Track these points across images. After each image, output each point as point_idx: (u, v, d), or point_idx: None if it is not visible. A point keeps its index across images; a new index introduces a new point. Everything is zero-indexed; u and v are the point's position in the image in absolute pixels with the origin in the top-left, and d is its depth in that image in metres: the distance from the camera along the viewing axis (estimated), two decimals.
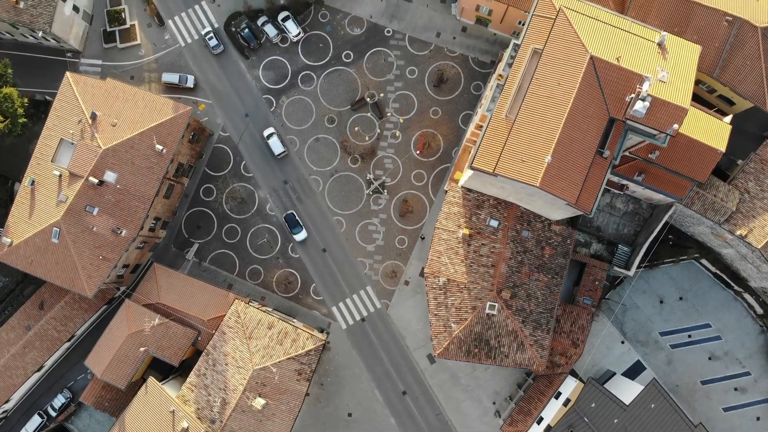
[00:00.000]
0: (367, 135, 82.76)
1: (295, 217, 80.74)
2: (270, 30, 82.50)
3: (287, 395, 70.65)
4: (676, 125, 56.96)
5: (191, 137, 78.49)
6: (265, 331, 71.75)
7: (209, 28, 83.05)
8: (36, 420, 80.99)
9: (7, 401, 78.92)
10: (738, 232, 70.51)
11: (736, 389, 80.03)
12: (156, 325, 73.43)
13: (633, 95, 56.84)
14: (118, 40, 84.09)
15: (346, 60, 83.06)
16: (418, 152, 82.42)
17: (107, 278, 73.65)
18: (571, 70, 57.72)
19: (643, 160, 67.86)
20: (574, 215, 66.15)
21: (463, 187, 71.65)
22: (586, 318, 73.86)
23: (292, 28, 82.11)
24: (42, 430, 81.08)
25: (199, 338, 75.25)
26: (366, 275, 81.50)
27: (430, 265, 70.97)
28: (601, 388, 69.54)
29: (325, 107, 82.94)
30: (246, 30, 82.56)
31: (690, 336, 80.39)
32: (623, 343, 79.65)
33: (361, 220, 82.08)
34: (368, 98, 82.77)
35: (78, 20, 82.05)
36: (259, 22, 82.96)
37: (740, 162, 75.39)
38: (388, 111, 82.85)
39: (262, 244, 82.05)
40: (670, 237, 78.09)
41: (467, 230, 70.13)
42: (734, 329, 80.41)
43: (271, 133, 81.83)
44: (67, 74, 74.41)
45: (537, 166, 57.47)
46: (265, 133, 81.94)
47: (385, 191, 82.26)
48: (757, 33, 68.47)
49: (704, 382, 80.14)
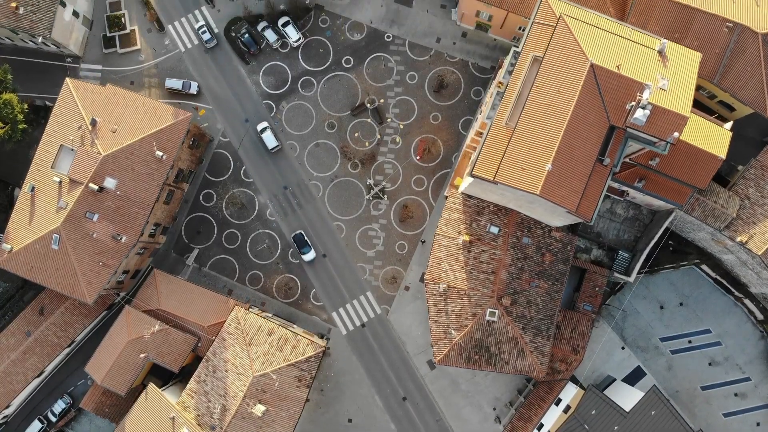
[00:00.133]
0: (367, 140, 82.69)
1: (303, 237, 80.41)
2: (270, 35, 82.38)
3: (287, 402, 70.63)
4: (676, 133, 56.89)
5: (191, 143, 78.44)
6: (265, 337, 71.70)
7: (203, 22, 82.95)
8: (36, 425, 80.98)
9: (8, 406, 78.87)
10: (738, 239, 70.44)
11: (736, 395, 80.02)
12: (156, 331, 73.42)
13: (633, 103, 56.76)
14: (118, 46, 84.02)
15: (346, 65, 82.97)
16: (418, 157, 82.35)
17: (107, 284, 73.64)
18: (572, 78, 57.65)
19: (643, 166, 67.78)
20: (574, 222, 66.09)
21: (463, 194, 71.57)
22: (587, 324, 73.78)
23: (292, 34, 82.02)
24: None
25: (199, 344, 75.22)
26: (366, 281, 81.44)
27: (431, 272, 70.89)
28: (601, 394, 69.47)
29: (325, 112, 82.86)
30: (246, 35, 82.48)
31: (690, 342, 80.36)
32: (623, 348, 79.55)
33: (361, 225, 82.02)
34: (368, 104, 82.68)
35: (78, 25, 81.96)
36: (259, 27, 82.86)
37: (741, 167, 75.24)
38: (388, 116, 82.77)
39: (262, 249, 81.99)
40: (670, 243, 77.99)
41: (467, 237, 70.06)
42: (734, 335, 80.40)
43: (265, 128, 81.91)
44: (67, 80, 74.32)
45: (537, 173, 57.41)
46: (259, 128, 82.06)
47: (385, 196, 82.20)
48: (757, 39, 68.45)
49: (704, 388, 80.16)
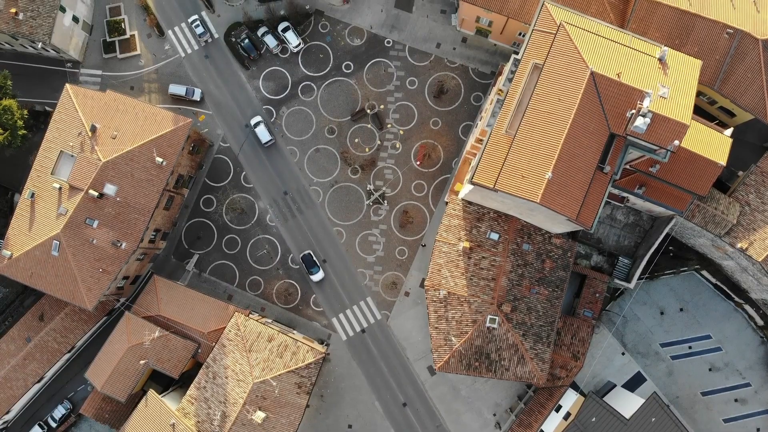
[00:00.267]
0: (367, 146, 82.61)
1: (312, 257, 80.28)
2: (270, 40, 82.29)
3: (287, 408, 70.62)
4: (677, 141, 56.76)
5: (191, 148, 78.36)
6: (265, 343, 71.67)
7: (196, 16, 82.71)
8: (36, 431, 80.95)
9: (8, 412, 78.95)
10: (739, 245, 70.38)
11: (736, 400, 79.97)
12: (156, 337, 73.40)
13: (633, 111, 56.68)
14: (118, 51, 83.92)
15: (346, 70, 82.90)
16: (418, 163, 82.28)
17: (107, 291, 73.66)
18: (572, 86, 57.58)
19: (643, 173, 67.66)
20: (574, 230, 66.03)
21: (463, 200, 71.53)
22: (587, 330, 73.75)
23: (292, 39, 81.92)
24: None
25: (200, 351, 75.20)
26: (366, 286, 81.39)
27: (431, 278, 70.85)
28: (601, 401, 69.42)
29: (325, 118, 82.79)
30: (246, 40, 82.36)
31: (690, 347, 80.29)
32: (624, 354, 79.50)
33: (362, 230, 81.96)
34: (368, 109, 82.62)
35: (78, 31, 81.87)
36: (259, 32, 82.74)
37: (741, 173, 75.21)
38: (389, 122, 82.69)
39: (262, 255, 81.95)
40: (670, 248, 77.95)
41: (467, 243, 70.00)
42: (735, 340, 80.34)
43: (258, 122, 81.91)
44: (67, 86, 74.21)
45: (537, 182, 57.35)
46: (252, 122, 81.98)
47: (386, 202, 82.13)
48: (758, 45, 68.38)
49: (705, 393, 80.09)
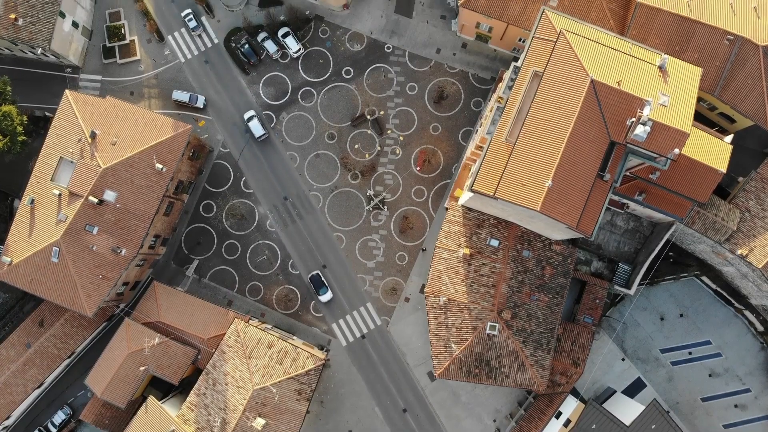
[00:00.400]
0: (367, 151, 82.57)
1: (320, 277, 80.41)
2: (270, 46, 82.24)
3: (287, 415, 70.57)
4: (677, 150, 56.65)
5: (191, 154, 78.32)
6: (265, 350, 71.64)
7: (189, 10, 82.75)
8: None
9: (8, 417, 78.89)
10: (739, 252, 70.34)
11: (736, 406, 79.94)
12: (156, 344, 73.35)
13: (634, 119, 56.62)
14: (118, 56, 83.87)
15: (346, 76, 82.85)
16: (418, 168, 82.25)
17: (107, 297, 73.60)
18: (572, 94, 57.46)
19: (643, 179, 67.62)
20: (575, 237, 65.98)
21: (463, 206, 71.47)
22: (587, 337, 73.69)
23: (292, 44, 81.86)
24: None
25: (199, 357, 75.16)
26: (366, 292, 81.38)
27: (431, 285, 70.79)
28: (601, 409, 69.36)
29: (325, 123, 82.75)
30: (246, 46, 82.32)
31: (690, 353, 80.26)
32: (624, 360, 79.47)
33: (362, 236, 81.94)
34: (368, 114, 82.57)
35: (77, 36, 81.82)
36: (259, 38, 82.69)
37: (741, 179, 75.19)
38: (389, 127, 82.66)
39: (262, 260, 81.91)
40: (670, 254, 77.86)
41: (467, 250, 69.96)
42: (735, 346, 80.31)
43: (252, 116, 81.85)
44: (67, 92, 74.20)
45: (537, 190, 57.25)
46: (246, 116, 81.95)
47: (386, 207, 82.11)
48: (758, 52, 68.35)
49: (705, 399, 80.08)
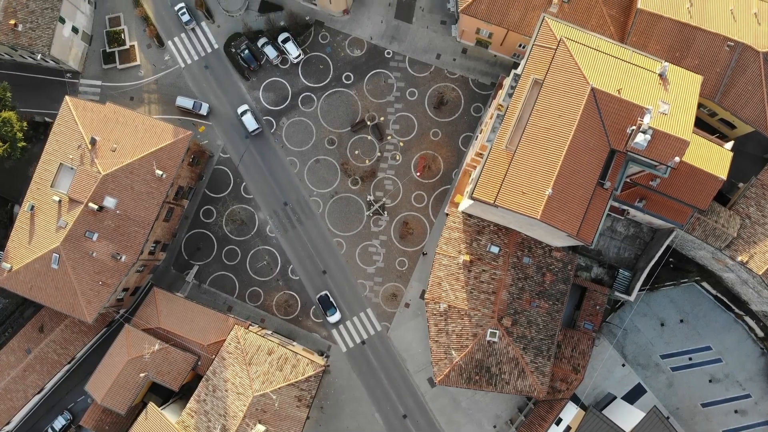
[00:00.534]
0: (367, 157, 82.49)
1: (329, 298, 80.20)
2: (270, 51, 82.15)
3: (287, 422, 70.54)
4: (677, 158, 56.69)
5: (191, 160, 78.25)
6: (265, 356, 71.60)
7: (182, 4, 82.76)
8: None
9: (8, 423, 78.88)
10: (739, 258, 70.31)
11: (736, 411, 79.94)
12: (156, 350, 73.31)
13: (634, 127, 56.58)
14: (118, 61, 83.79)
15: (346, 81, 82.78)
16: (418, 174, 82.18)
17: (107, 303, 73.57)
18: (572, 102, 57.48)
19: (644, 186, 67.60)
20: (575, 244, 65.92)
21: (463, 213, 71.42)
22: (587, 343, 73.65)
23: (293, 50, 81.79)
24: None
25: (199, 363, 75.15)
26: (366, 297, 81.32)
27: (431, 291, 70.76)
28: (601, 416, 69.34)
29: (325, 129, 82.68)
30: (246, 51, 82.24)
31: (690, 358, 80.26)
32: (624, 366, 79.44)
33: (362, 241, 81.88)
34: (368, 120, 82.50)
35: (77, 41, 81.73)
36: (259, 43, 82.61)
37: (741, 185, 75.12)
38: (389, 133, 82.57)
39: (262, 266, 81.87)
40: (671, 260, 77.86)
41: (468, 256, 69.93)
42: (735, 352, 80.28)
43: (245, 110, 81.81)
44: (67, 98, 74.12)
45: (538, 198, 57.26)
46: (239, 110, 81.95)
47: (386, 213, 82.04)
48: (758, 58, 68.35)
49: (705, 405, 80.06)
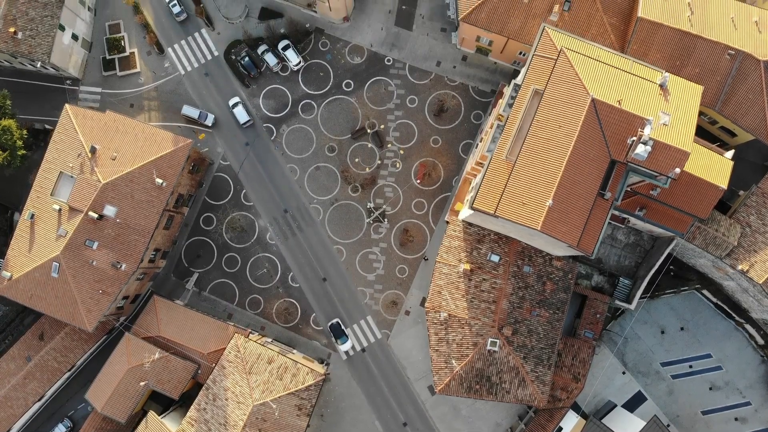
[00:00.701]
0: (367, 164, 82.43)
1: (341, 326, 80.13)
2: (270, 59, 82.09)
3: (287, 430, 70.48)
4: (678, 169, 56.60)
5: (191, 167, 78.18)
6: (265, 365, 71.54)
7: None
8: None
9: (8, 431, 78.86)
10: (739, 267, 70.23)
11: (736, 419, 79.88)
12: (156, 359, 73.27)
13: (634, 138, 56.50)
14: (118, 68, 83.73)
15: (346, 89, 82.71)
16: (418, 181, 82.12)
17: (107, 312, 73.54)
18: (573, 113, 57.42)
19: (644, 195, 67.52)
20: (575, 254, 65.85)
21: (463, 221, 71.35)
22: (588, 352, 73.59)
23: (293, 57, 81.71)
24: None
25: (199, 372, 75.11)
26: (366, 305, 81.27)
27: (431, 300, 70.70)
28: (602, 425, 69.31)
29: (325, 136, 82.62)
30: (246, 58, 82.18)
31: (691, 366, 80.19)
32: (624, 373, 79.41)
33: (362, 249, 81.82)
34: (368, 127, 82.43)
35: (77, 48, 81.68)
36: (260, 50, 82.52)
37: (742, 192, 75.05)
38: (389, 140, 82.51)
39: (262, 273, 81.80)
40: (671, 267, 77.76)
41: (468, 265, 69.86)
42: (735, 359, 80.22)
43: (236, 102, 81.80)
44: (67, 107, 74.04)
45: (538, 209, 57.22)
46: (230, 103, 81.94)
47: (386, 220, 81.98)
48: (759, 66, 68.24)
49: (705, 412, 80.00)
